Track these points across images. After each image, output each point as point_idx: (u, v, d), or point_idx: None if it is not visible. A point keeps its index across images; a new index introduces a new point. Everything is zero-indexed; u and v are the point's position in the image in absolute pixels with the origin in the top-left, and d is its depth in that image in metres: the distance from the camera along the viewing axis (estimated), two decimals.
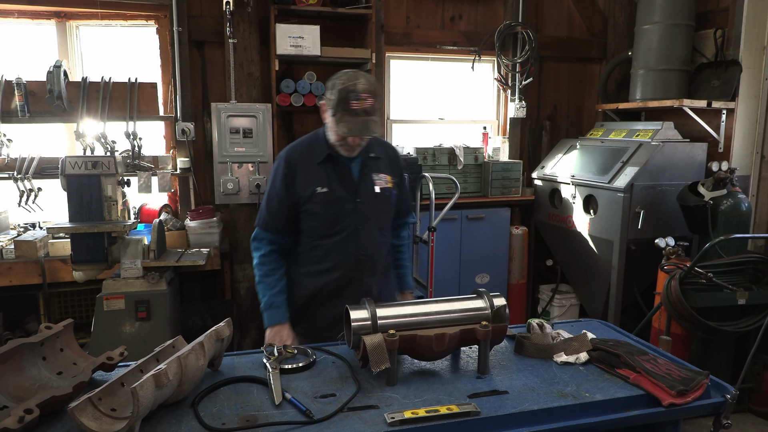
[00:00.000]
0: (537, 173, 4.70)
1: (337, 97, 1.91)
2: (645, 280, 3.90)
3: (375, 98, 1.93)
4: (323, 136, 2.09)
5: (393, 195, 2.16)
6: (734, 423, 3.02)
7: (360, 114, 1.91)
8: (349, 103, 1.89)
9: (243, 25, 3.83)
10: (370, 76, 1.98)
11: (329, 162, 2.06)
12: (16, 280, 3.36)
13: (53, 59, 3.47)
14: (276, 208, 2.09)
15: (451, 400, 1.51)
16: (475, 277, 4.48)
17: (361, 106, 1.89)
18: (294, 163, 2.07)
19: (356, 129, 1.91)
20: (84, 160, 3.09)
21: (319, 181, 2.04)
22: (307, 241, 2.11)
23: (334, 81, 1.96)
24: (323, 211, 2.04)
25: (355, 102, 1.88)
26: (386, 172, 2.15)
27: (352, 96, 1.89)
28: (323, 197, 2.03)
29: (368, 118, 1.92)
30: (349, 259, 2.08)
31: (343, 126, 1.92)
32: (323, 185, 2.04)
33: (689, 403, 1.54)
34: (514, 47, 4.63)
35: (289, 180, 2.06)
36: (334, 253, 2.08)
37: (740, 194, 3.46)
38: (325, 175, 2.05)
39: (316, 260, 2.10)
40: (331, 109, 1.96)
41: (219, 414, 1.44)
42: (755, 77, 3.93)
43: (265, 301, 2.08)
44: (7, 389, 1.44)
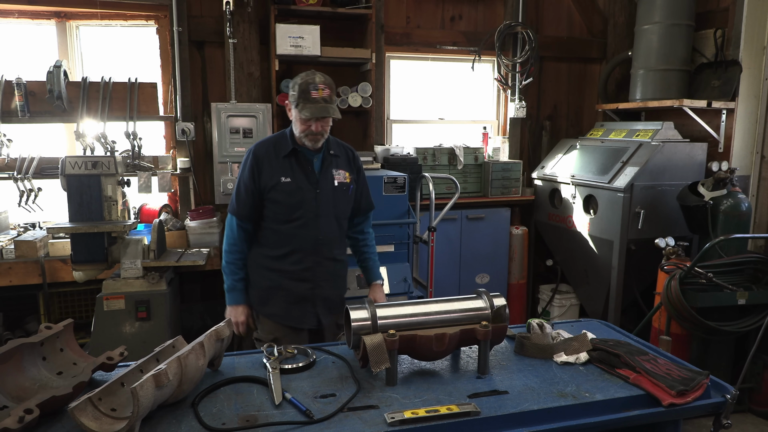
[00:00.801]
0: (537, 173, 4.70)
1: (298, 90, 2.17)
2: (645, 280, 3.90)
3: (331, 90, 2.20)
4: (289, 133, 2.33)
5: (351, 189, 2.41)
6: (734, 423, 3.01)
7: (320, 101, 2.16)
8: (309, 93, 2.15)
9: (243, 25, 3.83)
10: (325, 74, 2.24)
11: (293, 156, 2.30)
12: (16, 280, 3.36)
13: (53, 59, 3.47)
14: (244, 196, 2.30)
15: (451, 400, 1.51)
16: (475, 277, 4.48)
17: (320, 95, 2.16)
18: (261, 155, 2.29)
19: (317, 111, 2.15)
20: (84, 160, 3.09)
21: (283, 171, 2.27)
22: (270, 226, 2.32)
23: (294, 80, 2.22)
24: (286, 199, 2.27)
25: (315, 91, 2.15)
26: (345, 168, 2.40)
27: (312, 87, 2.15)
28: (286, 186, 2.26)
29: (327, 105, 2.17)
30: (308, 243, 2.31)
31: (306, 111, 2.15)
32: (287, 176, 2.27)
33: (689, 403, 1.54)
34: (514, 47, 4.63)
35: (256, 171, 2.27)
36: (295, 237, 2.30)
37: (740, 194, 3.46)
38: (290, 167, 2.28)
39: (279, 244, 2.32)
40: (294, 102, 2.21)
41: (219, 414, 1.44)
42: (755, 77, 3.93)
43: (228, 284, 2.36)
44: (7, 389, 1.44)
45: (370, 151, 4.10)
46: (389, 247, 3.58)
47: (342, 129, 4.39)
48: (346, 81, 4.14)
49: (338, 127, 4.35)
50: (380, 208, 3.54)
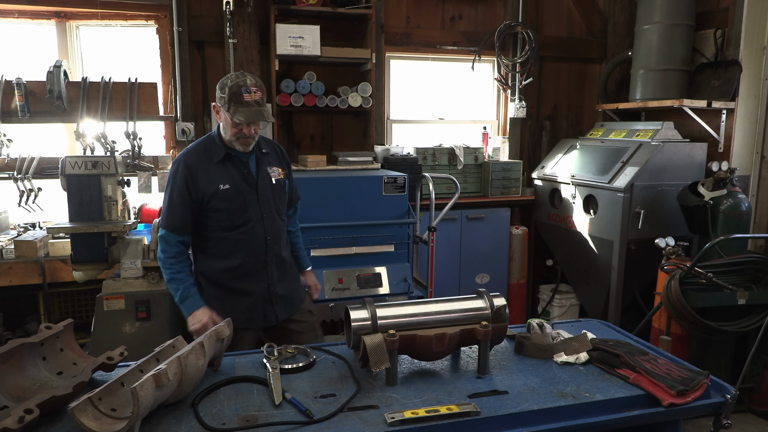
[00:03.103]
0: (537, 173, 4.70)
1: (229, 93, 2.11)
2: (645, 280, 3.90)
3: (263, 92, 2.16)
4: (218, 138, 2.26)
5: (286, 184, 2.41)
6: (734, 423, 3.02)
7: (252, 105, 2.11)
8: (241, 96, 2.10)
9: (243, 25, 3.83)
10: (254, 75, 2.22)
11: (227, 161, 2.24)
12: (16, 280, 3.36)
13: (53, 59, 3.47)
14: (179, 209, 2.21)
15: (451, 400, 1.51)
16: (475, 277, 4.48)
17: (253, 98, 2.11)
18: (193, 164, 2.21)
19: (251, 115, 2.10)
20: (84, 160, 3.09)
21: (220, 179, 2.21)
22: (214, 235, 2.26)
23: (223, 82, 2.16)
24: (228, 205, 2.21)
25: (247, 94, 2.10)
26: (277, 165, 2.39)
27: (244, 89, 2.10)
28: (226, 193, 2.21)
29: (260, 108, 2.13)
30: (258, 244, 2.28)
31: (239, 115, 2.10)
32: (225, 182, 2.21)
33: (689, 403, 1.54)
34: (514, 47, 4.63)
35: (190, 181, 2.19)
36: (243, 242, 2.26)
37: (740, 194, 3.46)
38: (226, 172, 2.22)
39: (227, 252, 2.27)
40: (224, 106, 2.15)
41: (219, 414, 1.44)
42: (755, 77, 3.93)
43: (180, 294, 2.22)
44: (7, 389, 1.44)
45: (370, 151, 4.10)
46: (389, 247, 3.58)
47: (342, 129, 4.39)
48: (346, 81, 4.14)
49: (338, 127, 4.38)
50: (380, 208, 3.55)
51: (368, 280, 3.48)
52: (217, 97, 2.19)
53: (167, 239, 2.24)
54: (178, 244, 2.24)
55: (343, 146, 4.37)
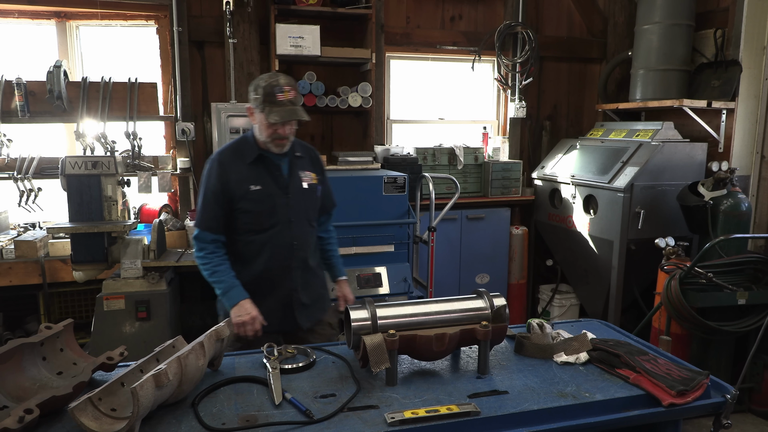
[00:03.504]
0: (537, 173, 4.70)
1: (263, 93, 2.09)
2: (645, 280, 3.90)
3: (296, 91, 2.14)
4: (252, 139, 2.24)
5: (318, 190, 2.36)
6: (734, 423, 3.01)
7: (286, 104, 2.09)
8: (275, 96, 2.08)
9: (243, 25, 3.83)
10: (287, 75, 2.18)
11: (260, 162, 2.21)
12: (16, 280, 3.36)
13: (53, 59, 3.47)
14: (213, 207, 2.19)
15: (451, 400, 1.51)
16: (475, 277, 4.48)
17: (287, 97, 2.09)
18: (226, 163, 2.20)
19: (286, 114, 2.08)
20: (84, 160, 3.09)
21: (251, 179, 2.19)
22: (242, 238, 2.23)
23: (256, 83, 2.14)
24: (256, 207, 2.19)
25: (281, 94, 2.08)
26: (310, 169, 2.34)
27: (277, 89, 2.08)
28: (256, 194, 2.18)
29: (294, 107, 2.11)
30: (283, 249, 2.23)
31: (274, 115, 2.07)
32: (256, 183, 2.18)
33: (689, 403, 1.54)
34: (514, 47, 4.62)
35: (223, 180, 2.18)
36: (270, 245, 2.22)
37: (740, 194, 3.46)
38: (257, 174, 2.20)
39: (252, 255, 2.23)
40: (258, 107, 2.13)
41: (219, 414, 1.44)
42: (755, 77, 3.93)
43: (223, 285, 2.16)
44: (7, 389, 1.44)
45: (370, 151, 4.10)
46: (389, 247, 3.58)
47: (342, 129, 4.39)
48: (346, 81, 4.14)
49: (338, 127, 4.37)
50: (380, 208, 3.55)
51: (368, 280, 3.49)
52: (250, 98, 2.16)
53: (202, 237, 2.21)
54: (212, 241, 2.21)
55: (343, 146, 4.37)
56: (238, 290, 2.16)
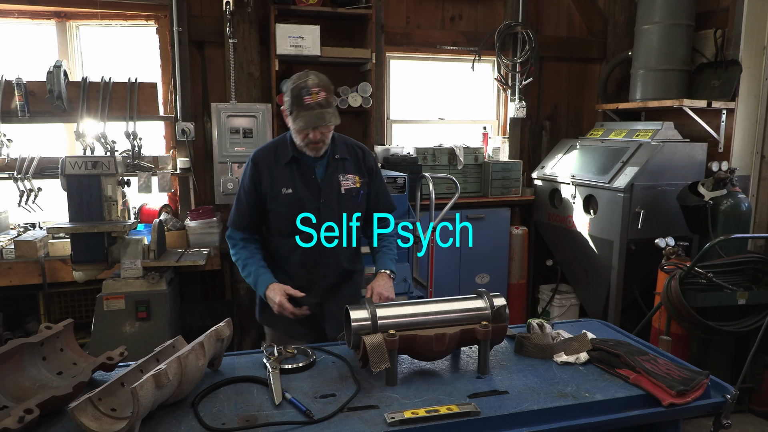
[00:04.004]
0: (537, 173, 4.70)
1: (291, 96, 1.99)
2: (645, 280, 3.90)
3: (327, 92, 1.99)
4: (290, 140, 2.16)
5: (360, 195, 2.21)
6: (734, 423, 3.01)
7: (314, 107, 1.96)
8: (302, 99, 1.96)
9: (243, 25, 3.83)
10: (320, 74, 2.03)
11: (294, 164, 2.12)
12: (16, 280, 3.36)
13: (53, 59, 3.46)
14: (245, 206, 2.16)
15: (451, 400, 1.51)
16: (475, 277, 4.48)
17: (315, 100, 1.96)
18: (260, 163, 2.13)
19: (312, 120, 1.96)
20: (84, 160, 3.09)
21: (284, 182, 2.11)
22: (275, 239, 2.20)
23: (287, 83, 2.05)
24: (287, 211, 2.11)
25: (308, 96, 1.95)
26: (353, 172, 2.20)
27: (304, 92, 1.95)
28: (287, 198, 2.10)
29: (323, 110, 1.97)
30: (314, 255, 2.16)
31: (300, 121, 1.97)
32: (288, 186, 2.10)
33: (689, 403, 1.54)
34: (514, 47, 4.63)
35: (256, 179, 2.12)
36: (299, 250, 2.15)
37: (740, 194, 3.46)
38: (290, 176, 2.11)
39: (284, 257, 2.19)
40: (288, 109, 2.04)
41: (219, 414, 1.44)
42: (755, 77, 3.93)
43: (252, 278, 2.12)
44: (7, 389, 1.44)
45: (371, 151, 4.10)
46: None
47: (342, 129, 4.35)
48: (346, 81, 4.14)
49: (338, 127, 4.35)
50: None
51: (368, 280, 3.48)
52: (284, 100, 2.08)
53: (232, 236, 2.19)
54: (244, 239, 2.18)
55: None
56: (264, 277, 2.10)
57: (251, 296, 3.99)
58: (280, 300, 2.01)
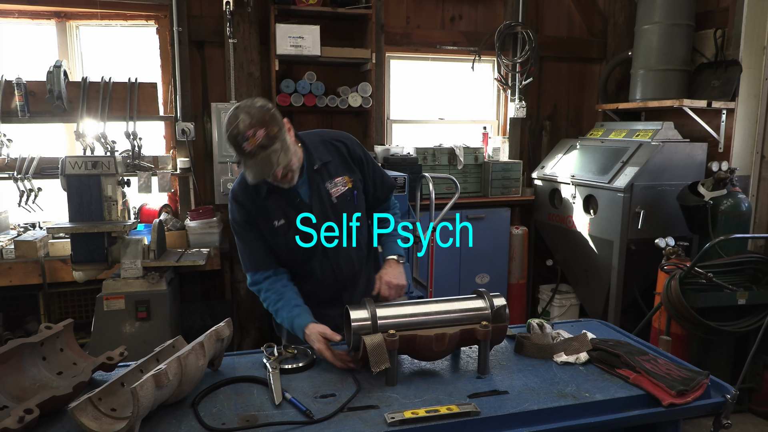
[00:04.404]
0: (537, 173, 4.70)
1: (231, 144, 1.76)
2: (645, 280, 3.90)
3: (264, 126, 1.71)
4: None
5: (355, 195, 2.03)
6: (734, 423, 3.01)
7: (256, 153, 1.72)
8: (241, 147, 1.72)
9: (243, 25, 3.83)
10: (254, 104, 1.75)
11: (275, 193, 1.93)
12: (16, 280, 3.36)
13: (53, 59, 3.46)
14: (250, 244, 1.98)
15: (451, 400, 1.51)
16: (475, 277, 4.48)
17: (254, 144, 1.71)
18: (243, 200, 1.95)
19: (258, 171, 1.75)
20: (84, 160, 3.09)
21: (272, 214, 1.94)
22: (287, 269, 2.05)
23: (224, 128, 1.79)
24: (287, 243, 1.96)
25: (246, 143, 1.71)
26: (341, 173, 1.99)
27: (240, 139, 1.71)
28: (282, 229, 1.94)
29: (266, 153, 1.72)
30: (327, 275, 2.03)
31: (248, 172, 1.76)
32: (278, 218, 1.94)
33: (689, 403, 1.54)
34: (514, 47, 4.63)
35: (247, 217, 1.96)
36: (312, 273, 2.02)
37: (740, 194, 3.46)
38: (276, 207, 1.94)
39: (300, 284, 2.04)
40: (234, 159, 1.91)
41: (219, 414, 1.44)
42: (755, 77, 3.93)
43: (287, 323, 1.92)
44: (7, 389, 1.44)
45: (370, 151, 4.10)
46: None
47: (342, 129, 4.36)
48: (346, 81, 4.14)
49: (338, 127, 4.36)
50: None
51: None
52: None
53: (254, 281, 2.01)
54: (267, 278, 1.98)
55: None
56: (298, 320, 1.89)
57: (251, 296, 3.99)
58: (319, 348, 1.80)
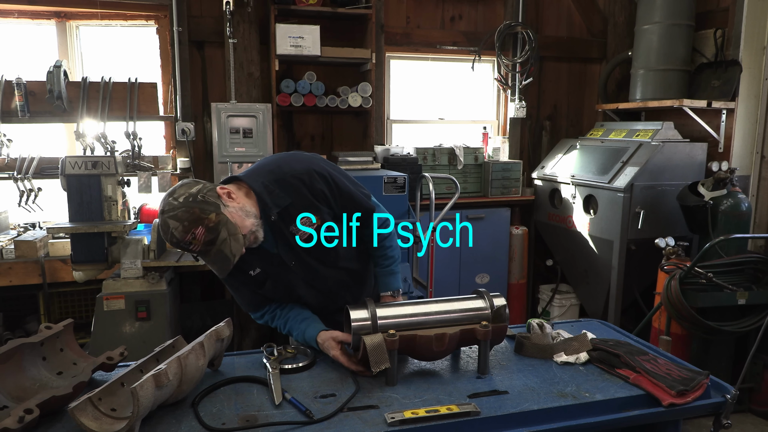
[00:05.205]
0: (537, 173, 4.70)
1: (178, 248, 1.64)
2: (645, 280, 3.89)
3: (200, 223, 1.56)
4: None
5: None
6: (734, 423, 3.01)
7: (207, 251, 1.60)
8: (190, 251, 1.61)
9: (243, 25, 3.83)
10: (176, 203, 1.57)
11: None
12: (16, 280, 3.36)
13: (53, 59, 3.47)
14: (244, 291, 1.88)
15: (451, 400, 1.51)
16: (475, 277, 4.48)
17: (200, 244, 1.58)
18: None
19: (219, 267, 1.64)
20: (84, 160, 3.09)
21: (245, 265, 1.78)
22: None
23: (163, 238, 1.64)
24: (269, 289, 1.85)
25: (191, 246, 1.59)
26: (305, 212, 1.77)
27: (184, 246, 1.59)
28: (260, 277, 1.82)
29: (217, 247, 1.59)
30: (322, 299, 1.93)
31: (213, 268, 1.66)
32: (253, 268, 1.80)
33: (689, 403, 1.54)
34: (514, 47, 4.63)
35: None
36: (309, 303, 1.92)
37: (740, 194, 3.46)
38: (248, 258, 1.75)
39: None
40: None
41: (219, 414, 1.44)
42: (755, 77, 3.93)
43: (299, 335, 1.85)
44: (7, 389, 1.44)
45: (370, 151, 4.10)
46: None
47: (342, 129, 4.39)
48: (346, 81, 4.14)
49: (338, 127, 4.38)
50: None
51: None
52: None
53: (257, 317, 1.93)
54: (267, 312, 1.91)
55: (343, 146, 4.37)
56: (309, 330, 1.82)
57: None
58: (335, 355, 1.72)
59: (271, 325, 1.94)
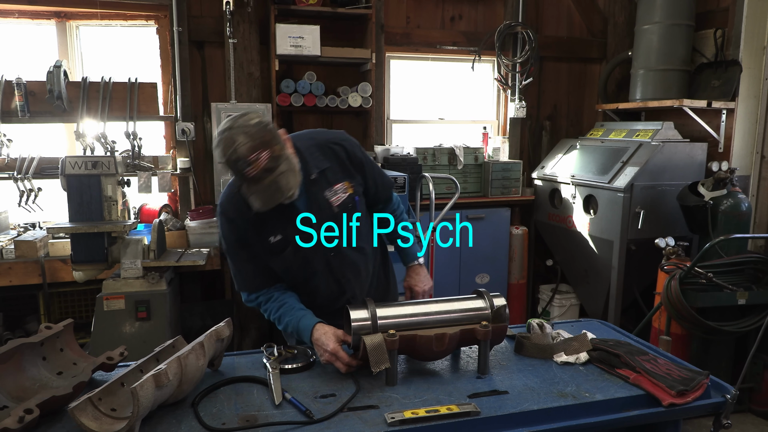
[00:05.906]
0: (537, 173, 4.70)
1: (231, 170, 1.61)
2: (645, 280, 3.89)
3: (268, 147, 1.56)
4: None
5: (357, 201, 1.89)
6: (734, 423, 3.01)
7: (262, 177, 1.57)
8: (243, 173, 1.56)
9: (243, 25, 3.83)
10: (249, 122, 1.57)
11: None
12: (16, 280, 3.36)
13: (53, 59, 3.47)
14: (245, 266, 1.84)
15: (451, 400, 1.51)
16: (475, 277, 4.48)
17: (258, 169, 1.55)
18: (233, 216, 1.77)
19: (267, 198, 1.61)
20: (84, 160, 3.09)
21: (267, 229, 1.76)
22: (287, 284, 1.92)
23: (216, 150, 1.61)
24: (284, 261, 1.81)
25: (249, 168, 1.55)
26: (341, 178, 1.83)
27: (242, 165, 1.55)
28: (278, 246, 1.78)
29: (273, 176, 1.58)
30: (333, 287, 1.91)
31: (254, 200, 1.61)
32: (274, 233, 1.77)
33: (689, 403, 1.54)
34: (514, 47, 4.63)
35: (239, 235, 1.79)
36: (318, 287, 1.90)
37: (740, 194, 3.46)
38: (271, 221, 1.74)
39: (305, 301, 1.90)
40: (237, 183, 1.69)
41: (219, 414, 1.44)
42: (755, 77, 3.93)
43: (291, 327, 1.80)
44: (7, 389, 1.44)
45: (370, 151, 4.10)
46: (389, 247, 3.58)
47: (342, 129, 4.38)
48: (346, 81, 4.14)
49: (338, 127, 4.35)
50: None
51: None
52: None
53: (249, 299, 1.90)
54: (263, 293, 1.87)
55: None
56: (304, 321, 1.77)
57: None
58: (334, 347, 1.66)
59: (262, 307, 1.89)
